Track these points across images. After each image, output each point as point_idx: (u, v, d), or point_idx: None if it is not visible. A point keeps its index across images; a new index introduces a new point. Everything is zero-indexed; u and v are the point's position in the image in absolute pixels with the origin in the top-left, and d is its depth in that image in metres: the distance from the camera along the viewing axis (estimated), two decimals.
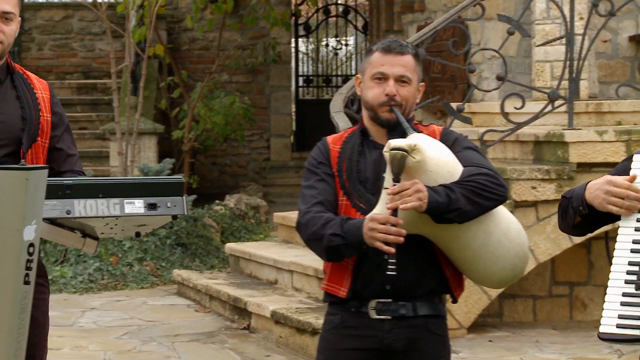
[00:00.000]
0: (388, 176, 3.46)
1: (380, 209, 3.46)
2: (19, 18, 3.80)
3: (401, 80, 3.57)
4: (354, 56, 18.53)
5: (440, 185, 3.43)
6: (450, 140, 3.61)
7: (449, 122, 7.83)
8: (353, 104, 7.32)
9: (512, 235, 3.59)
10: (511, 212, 6.98)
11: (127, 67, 11.68)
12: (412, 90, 3.60)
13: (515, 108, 7.57)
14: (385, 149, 3.42)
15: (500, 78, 7.72)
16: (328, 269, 3.66)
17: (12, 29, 3.73)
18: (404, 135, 3.52)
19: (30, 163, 3.71)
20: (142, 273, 9.47)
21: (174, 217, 3.27)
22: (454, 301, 3.70)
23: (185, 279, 9.02)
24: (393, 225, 3.37)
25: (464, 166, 3.51)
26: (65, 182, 3.10)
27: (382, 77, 3.58)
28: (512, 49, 9.13)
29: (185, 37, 15.37)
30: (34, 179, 2.86)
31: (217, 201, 11.89)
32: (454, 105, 7.70)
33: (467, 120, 7.62)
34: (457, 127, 7.64)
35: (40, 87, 3.88)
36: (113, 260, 9.48)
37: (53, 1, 15.79)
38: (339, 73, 18.43)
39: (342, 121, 7.03)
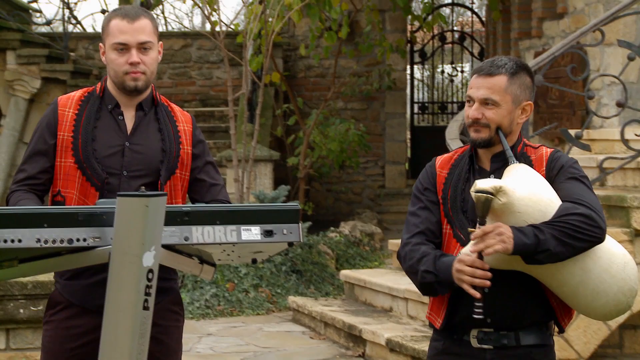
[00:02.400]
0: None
1: (471, 247, 3.44)
2: (160, 43, 3.86)
3: (485, 102, 3.53)
4: (469, 83, 18.41)
5: (530, 225, 3.37)
6: (557, 168, 3.54)
7: (567, 149, 7.71)
8: None
9: (615, 270, 3.48)
10: (631, 241, 6.91)
11: (243, 95, 11.80)
12: (502, 112, 3.52)
13: (636, 135, 7.41)
14: (471, 189, 3.39)
15: (620, 104, 7.57)
16: (431, 297, 3.66)
17: (152, 57, 3.80)
18: (505, 162, 3.50)
19: (169, 194, 3.78)
20: (257, 299, 9.52)
21: (290, 244, 3.27)
22: (561, 331, 3.65)
23: (300, 305, 9.03)
24: (479, 268, 3.35)
25: (562, 199, 3.43)
26: (183, 209, 3.14)
27: (470, 100, 3.57)
28: (632, 74, 8.96)
29: (302, 65, 15.47)
30: (154, 205, 2.90)
31: (332, 228, 11.90)
32: (572, 132, 7.58)
33: (586, 148, 7.49)
34: (576, 154, 7.52)
35: (183, 119, 3.94)
36: (229, 286, 9.56)
37: (172, 31, 16.07)
38: (455, 100, 18.34)
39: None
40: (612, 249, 3.53)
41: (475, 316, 3.39)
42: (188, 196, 3.97)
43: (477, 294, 3.35)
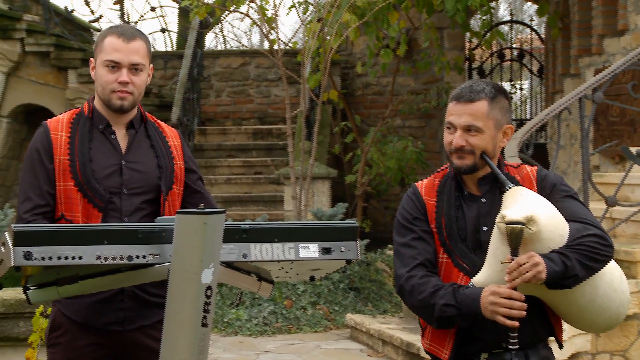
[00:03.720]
0: (500, 245, 3.38)
1: (488, 274, 3.40)
2: (151, 66, 3.86)
3: (468, 129, 3.49)
4: (528, 100, 18.30)
5: (554, 251, 3.36)
6: (549, 187, 3.54)
7: (627, 166, 7.63)
8: (528, 149, 7.22)
9: (616, 284, 3.54)
10: None
11: (301, 113, 11.83)
12: (486, 138, 3.49)
13: None
14: (498, 219, 3.36)
15: None
16: (427, 326, 3.59)
17: (141, 79, 3.79)
18: (495, 183, 3.50)
19: (168, 210, 3.78)
20: (315, 317, 9.52)
21: (348, 261, 3.27)
22: (560, 347, 3.68)
23: (358, 323, 9.02)
24: (515, 300, 3.33)
25: (567, 219, 3.43)
26: (242, 226, 3.15)
27: (450, 126, 3.52)
28: None
29: (359, 82, 15.49)
30: (212, 223, 2.91)
31: (389, 245, 11.87)
32: (633, 149, 7.50)
33: None
34: (637, 171, 7.44)
35: (172, 135, 3.94)
36: (287, 303, 9.57)
37: (231, 49, 16.16)
38: (514, 117, 18.24)
39: None
40: (611, 263, 3.56)
41: (510, 347, 3.38)
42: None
43: (516, 324, 3.33)
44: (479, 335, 3.48)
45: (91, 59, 3.85)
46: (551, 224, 3.37)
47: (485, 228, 3.48)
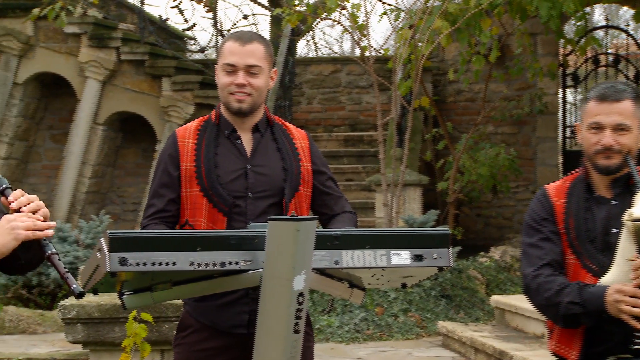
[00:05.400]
0: (627, 244, 3.35)
1: (617, 274, 3.37)
2: (274, 70, 3.89)
3: (618, 128, 3.46)
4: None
5: None
6: None
7: None
8: None
9: None
10: None
11: (392, 120, 11.82)
12: (632, 137, 3.48)
13: None
14: (626, 217, 3.33)
15: None
16: (555, 328, 3.57)
17: (260, 81, 3.82)
18: (628, 186, 3.45)
19: (295, 212, 3.81)
20: (407, 324, 9.49)
21: (440, 268, 3.26)
22: None
23: (450, 330, 8.97)
24: None
25: None
26: (333, 233, 3.15)
27: (597, 127, 3.49)
28: None
29: (451, 89, 15.41)
30: (304, 229, 2.92)
31: (481, 253, 11.79)
32: None
33: None
34: None
35: (299, 137, 3.98)
36: (378, 310, 9.55)
37: (323, 56, 16.21)
38: None
39: None
40: None
41: (635, 347, 3.32)
42: (313, 211, 3.97)
43: (639, 325, 3.29)
44: (606, 337, 3.45)
45: (215, 65, 3.93)
46: None
47: (615, 230, 3.45)
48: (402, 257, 3.18)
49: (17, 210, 3.00)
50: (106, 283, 3.01)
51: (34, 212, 3.00)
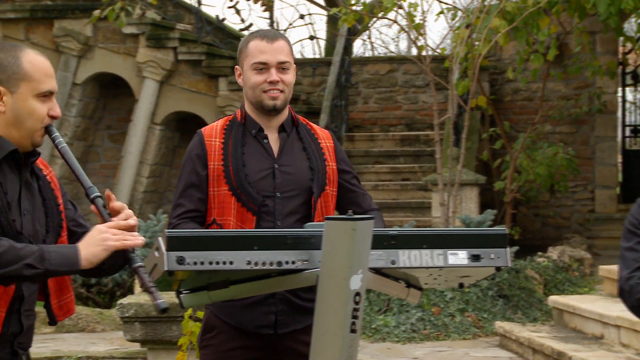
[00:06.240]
0: None
1: None
2: (294, 66, 3.90)
3: None
4: None
5: None
6: None
7: None
8: None
9: None
10: None
11: (449, 119, 11.77)
12: None
13: None
14: None
15: None
16: None
17: (290, 77, 3.84)
18: None
19: (320, 212, 3.83)
20: (464, 324, 9.45)
21: (497, 268, 3.23)
22: None
23: (507, 331, 8.91)
24: None
25: None
26: (390, 232, 3.14)
27: None
28: None
29: (508, 88, 15.32)
30: (361, 229, 2.91)
31: (539, 253, 11.71)
32: None
33: None
34: None
35: (324, 136, 3.97)
36: (435, 310, 9.52)
37: (379, 56, 16.19)
38: None
39: None
40: None
41: None
42: (340, 210, 3.96)
43: None
44: None
45: (236, 67, 3.92)
46: None
47: None
48: (459, 257, 3.16)
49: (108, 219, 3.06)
50: (164, 282, 3.03)
51: (131, 229, 3.07)
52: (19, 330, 3.08)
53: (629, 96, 17.36)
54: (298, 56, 20.17)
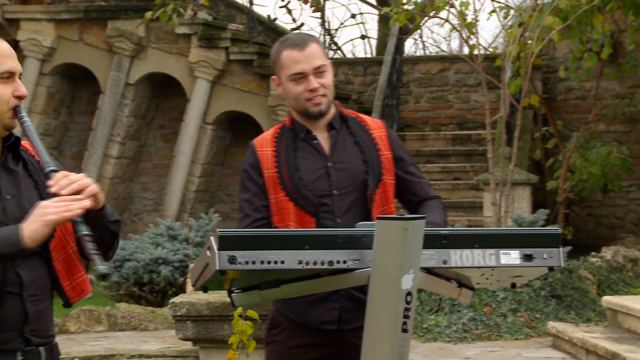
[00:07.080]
0: None
1: None
2: (330, 65, 3.89)
3: None
4: None
5: None
6: None
7: None
8: None
9: None
10: None
11: (501, 118, 11.70)
12: None
13: None
14: None
15: None
16: None
17: (328, 79, 3.85)
18: None
19: (380, 202, 3.83)
20: (516, 324, 9.39)
21: (550, 268, 3.21)
22: None
23: (560, 331, 8.85)
24: None
25: None
26: (441, 232, 3.13)
27: None
28: None
29: (561, 87, 15.21)
30: (412, 228, 2.91)
31: (592, 253, 11.61)
32: None
33: None
34: None
35: (376, 126, 3.97)
36: (487, 310, 9.48)
37: (430, 55, 16.14)
38: None
39: None
40: None
41: None
42: (398, 199, 3.96)
43: None
44: None
45: (273, 77, 3.94)
46: None
47: None
48: (512, 256, 3.14)
49: (56, 194, 2.97)
50: (216, 281, 3.04)
51: (77, 193, 2.97)
52: (24, 316, 3.02)
53: None
54: (349, 55, 20.17)
